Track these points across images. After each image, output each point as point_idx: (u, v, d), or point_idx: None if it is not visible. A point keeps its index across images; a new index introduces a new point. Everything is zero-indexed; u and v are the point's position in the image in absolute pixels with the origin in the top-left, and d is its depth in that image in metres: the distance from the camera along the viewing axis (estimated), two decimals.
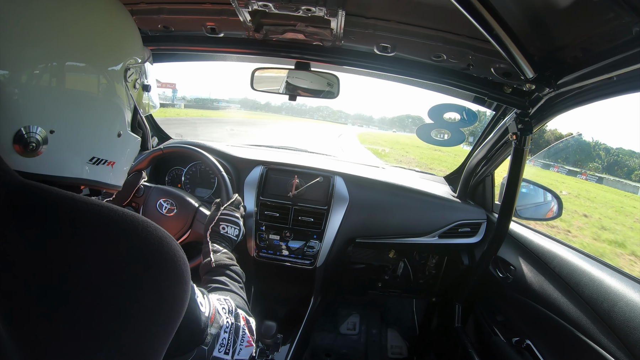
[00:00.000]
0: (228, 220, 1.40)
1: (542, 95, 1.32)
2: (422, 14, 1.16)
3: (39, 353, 0.49)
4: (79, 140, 0.66)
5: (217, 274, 1.14)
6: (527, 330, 1.58)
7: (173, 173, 2.17)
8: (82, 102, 0.64)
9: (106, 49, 0.67)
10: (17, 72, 0.57)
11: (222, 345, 0.85)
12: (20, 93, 0.57)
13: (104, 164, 0.71)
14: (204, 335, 0.79)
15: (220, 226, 1.37)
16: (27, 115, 0.58)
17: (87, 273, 0.53)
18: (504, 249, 1.83)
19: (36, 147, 0.59)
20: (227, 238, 1.36)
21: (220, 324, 0.85)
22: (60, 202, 0.55)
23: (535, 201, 1.95)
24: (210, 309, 0.82)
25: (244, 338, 0.91)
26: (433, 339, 2.45)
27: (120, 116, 0.72)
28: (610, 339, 1.16)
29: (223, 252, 1.26)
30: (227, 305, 0.91)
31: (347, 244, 2.02)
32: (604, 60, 0.96)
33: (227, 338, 0.86)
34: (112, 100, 0.69)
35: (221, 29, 1.37)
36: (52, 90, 0.60)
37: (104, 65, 0.67)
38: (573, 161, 59.21)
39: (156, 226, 0.62)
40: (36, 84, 0.58)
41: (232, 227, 1.39)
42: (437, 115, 1.75)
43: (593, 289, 1.30)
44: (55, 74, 0.60)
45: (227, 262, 1.19)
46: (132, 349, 0.56)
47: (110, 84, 0.68)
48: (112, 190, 0.79)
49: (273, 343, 1.76)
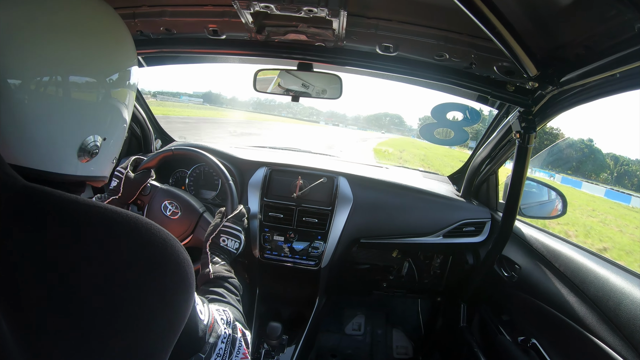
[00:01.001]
0: (229, 232, 1.40)
1: (545, 93, 1.31)
2: (424, 13, 1.16)
3: (42, 354, 0.49)
4: (118, 144, 0.75)
5: (215, 286, 1.14)
6: (533, 329, 1.57)
7: (177, 175, 2.17)
8: (118, 110, 0.71)
9: (122, 58, 0.72)
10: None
11: (219, 355, 0.85)
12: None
13: (114, 161, 0.78)
14: (202, 343, 0.79)
15: (220, 238, 1.37)
16: (91, 126, 0.65)
17: (90, 274, 0.53)
18: (509, 248, 1.82)
19: (96, 155, 0.68)
20: (226, 251, 1.36)
21: (219, 333, 0.85)
22: (63, 204, 0.55)
23: (539, 199, 1.94)
24: (210, 318, 0.82)
25: (239, 350, 0.92)
26: (438, 338, 2.45)
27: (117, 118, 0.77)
28: (617, 337, 1.15)
29: (222, 263, 1.26)
30: (225, 317, 0.91)
31: (351, 244, 2.01)
32: (606, 57, 0.96)
33: (223, 348, 0.87)
34: (130, 104, 0.76)
35: (223, 31, 1.38)
36: (99, 103, 0.66)
37: (124, 76, 0.72)
38: (584, 171, 56.29)
39: (160, 228, 0.62)
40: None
41: (233, 240, 1.39)
42: (441, 114, 1.74)
43: (598, 287, 1.29)
44: (97, 87, 0.65)
45: (226, 275, 1.20)
46: (135, 350, 0.56)
47: (129, 90, 0.74)
48: (103, 183, 0.83)
49: (278, 344, 1.76)
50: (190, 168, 2.15)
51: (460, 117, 1.76)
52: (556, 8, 0.95)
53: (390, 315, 2.74)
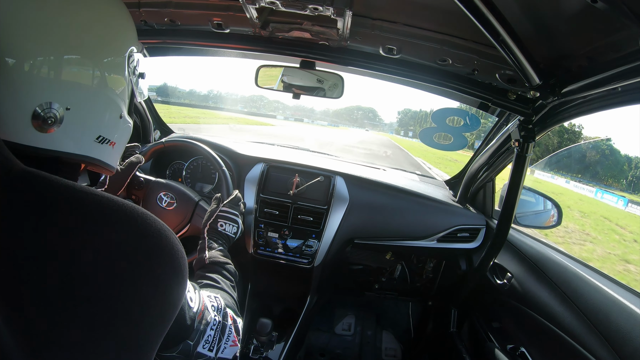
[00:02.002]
0: (226, 217, 1.39)
1: (546, 103, 1.31)
2: (429, 16, 1.16)
3: (36, 343, 0.49)
4: (90, 118, 0.69)
5: (210, 271, 1.14)
6: (522, 337, 1.58)
7: (174, 167, 2.17)
8: (95, 83, 0.67)
9: (115, 36, 0.72)
10: (34, 54, 0.59)
11: (207, 342, 0.85)
12: (40, 72, 0.60)
13: (107, 143, 0.74)
14: (190, 330, 0.79)
15: (218, 223, 1.37)
16: (45, 92, 0.61)
17: (84, 263, 0.53)
18: (502, 256, 1.83)
19: (53, 123, 0.62)
20: (225, 235, 1.35)
21: (208, 320, 0.85)
22: (60, 191, 0.55)
23: (535, 209, 1.95)
24: (200, 304, 0.82)
25: (229, 337, 0.91)
26: (428, 342, 2.45)
27: (123, 99, 0.76)
28: (605, 350, 1.15)
29: (218, 249, 1.25)
30: (216, 303, 0.91)
31: (345, 244, 2.01)
32: (609, 70, 0.96)
33: (212, 335, 0.86)
34: (118, 83, 0.73)
35: (227, 25, 1.37)
36: (69, 71, 0.63)
37: (113, 51, 0.71)
38: (601, 176, 48.22)
39: (155, 219, 0.62)
40: (53, 64, 0.61)
41: (230, 225, 1.39)
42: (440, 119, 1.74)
43: (589, 298, 1.30)
44: (71, 57, 0.63)
45: (221, 260, 1.19)
46: (127, 339, 0.56)
47: (119, 68, 0.72)
48: (109, 172, 0.82)
49: (268, 341, 1.76)
50: (188, 161, 2.14)
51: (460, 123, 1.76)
52: (561, 18, 0.95)
53: (381, 317, 2.74)
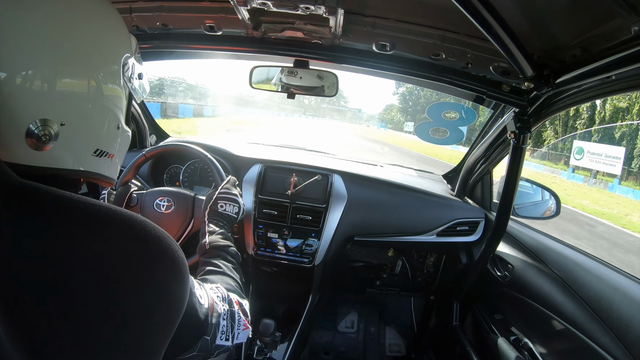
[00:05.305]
0: (226, 198, 1.36)
1: (540, 93, 1.31)
2: (421, 12, 1.16)
3: (37, 352, 0.49)
4: (87, 131, 0.67)
5: (212, 256, 1.12)
6: (525, 328, 1.58)
7: (171, 171, 2.16)
8: (89, 95, 0.65)
9: (109, 44, 0.69)
10: (24, 67, 0.57)
11: (223, 333, 0.86)
12: (32, 86, 0.58)
13: (105, 156, 0.72)
14: (206, 325, 0.80)
15: (218, 204, 1.33)
16: (38, 108, 0.59)
17: (85, 273, 0.53)
18: (502, 248, 1.84)
19: (49, 140, 0.60)
20: (226, 216, 1.32)
21: (219, 312, 0.86)
22: (58, 202, 0.55)
23: (533, 200, 1.96)
24: (209, 300, 0.83)
25: (240, 322, 0.93)
26: (431, 337, 2.46)
27: (120, 108, 0.74)
28: (608, 338, 1.16)
29: (219, 232, 1.22)
30: (220, 293, 0.91)
31: (345, 242, 2.02)
32: (602, 59, 0.96)
33: (226, 325, 0.87)
34: (114, 93, 0.71)
35: (220, 27, 1.37)
36: (62, 83, 0.61)
37: (107, 60, 0.68)
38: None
39: (154, 226, 0.62)
40: (45, 77, 0.59)
41: (231, 205, 1.35)
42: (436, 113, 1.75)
43: (591, 287, 1.30)
44: (63, 69, 0.61)
45: (222, 244, 1.17)
46: (131, 347, 0.56)
47: (114, 77, 0.70)
48: (109, 184, 0.80)
49: (271, 341, 1.76)
50: (185, 164, 2.14)
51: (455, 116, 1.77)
52: (553, 9, 0.95)
53: (384, 313, 2.75)
